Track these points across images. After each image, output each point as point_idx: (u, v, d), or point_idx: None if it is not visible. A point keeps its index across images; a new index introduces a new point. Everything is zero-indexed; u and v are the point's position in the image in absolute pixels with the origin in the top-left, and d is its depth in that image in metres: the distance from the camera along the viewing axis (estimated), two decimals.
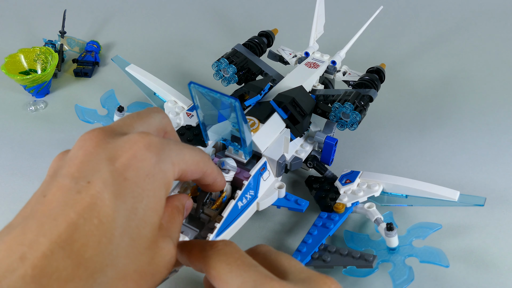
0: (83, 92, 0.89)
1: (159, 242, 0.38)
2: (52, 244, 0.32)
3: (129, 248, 0.35)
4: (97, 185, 0.34)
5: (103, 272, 0.33)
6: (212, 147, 0.60)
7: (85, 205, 0.34)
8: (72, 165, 0.36)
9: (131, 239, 0.35)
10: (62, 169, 0.36)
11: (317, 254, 0.58)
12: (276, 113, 0.64)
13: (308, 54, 0.79)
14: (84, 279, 0.32)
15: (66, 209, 0.33)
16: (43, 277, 0.31)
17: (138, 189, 0.36)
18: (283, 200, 0.62)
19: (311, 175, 0.69)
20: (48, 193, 0.35)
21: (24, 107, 0.84)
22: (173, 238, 0.41)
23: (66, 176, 0.35)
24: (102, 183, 0.35)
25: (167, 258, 0.39)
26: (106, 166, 0.35)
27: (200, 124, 0.55)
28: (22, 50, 0.87)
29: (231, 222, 0.55)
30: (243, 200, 0.56)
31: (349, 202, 0.63)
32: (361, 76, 0.72)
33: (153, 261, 0.38)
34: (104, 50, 1.00)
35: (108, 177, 0.35)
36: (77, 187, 0.34)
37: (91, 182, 0.35)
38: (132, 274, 0.36)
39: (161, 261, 0.38)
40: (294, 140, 0.66)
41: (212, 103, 0.50)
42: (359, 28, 0.80)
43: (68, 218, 0.33)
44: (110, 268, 0.34)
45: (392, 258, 0.57)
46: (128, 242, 0.35)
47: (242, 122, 0.50)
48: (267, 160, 0.60)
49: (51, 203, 0.34)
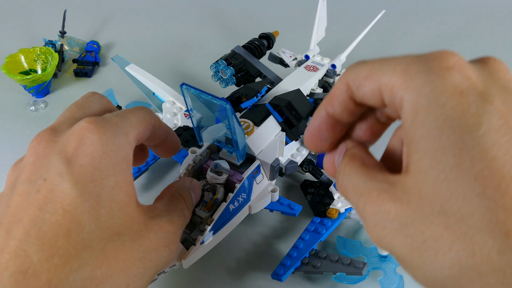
0: (83, 92, 0.87)
1: (146, 221, 0.39)
2: (21, 243, 0.33)
3: (102, 230, 0.36)
4: (53, 179, 0.36)
5: (78, 256, 0.34)
6: (207, 149, 0.60)
7: (46, 200, 0.35)
8: (27, 171, 0.37)
9: (102, 221, 0.36)
10: (19, 178, 0.38)
11: (307, 260, 0.57)
12: (271, 116, 0.64)
13: (308, 57, 0.79)
14: (60, 267, 0.34)
15: (29, 209, 0.35)
16: (18, 275, 0.32)
17: (95, 171, 0.37)
18: (276, 204, 0.61)
19: (307, 179, 0.68)
20: (11, 203, 0.36)
21: (24, 107, 0.85)
22: (173, 217, 0.42)
23: (23, 182, 0.37)
24: (58, 176, 0.36)
25: (160, 235, 0.40)
26: (58, 160, 0.37)
27: (193, 125, 0.55)
28: (22, 50, 0.87)
29: (222, 225, 0.54)
30: (235, 203, 0.56)
31: (342, 208, 0.62)
32: None
33: (141, 239, 0.38)
34: (104, 50, 1.00)
35: (62, 169, 0.36)
36: (35, 187, 0.36)
37: (47, 178, 0.36)
38: (116, 254, 0.36)
39: (153, 239, 0.39)
40: (290, 143, 0.66)
41: (205, 105, 0.50)
42: (361, 32, 0.80)
43: (31, 215, 0.35)
44: (86, 252, 0.35)
45: (383, 266, 0.57)
46: (100, 224, 0.36)
47: (235, 125, 0.50)
48: (260, 163, 0.60)
49: (15, 210, 0.36)
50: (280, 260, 0.57)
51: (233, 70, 0.72)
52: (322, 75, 0.75)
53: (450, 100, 0.28)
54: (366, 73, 0.32)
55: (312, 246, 0.58)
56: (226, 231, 0.56)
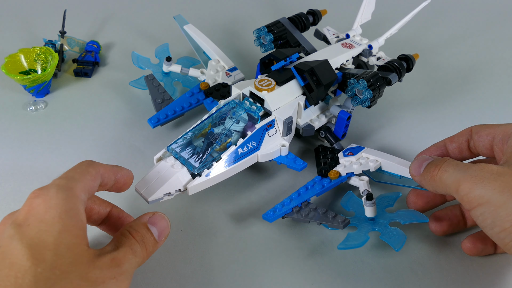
0: (83, 92, 0.89)
1: (94, 259, 0.45)
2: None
3: (49, 270, 0.41)
4: (5, 242, 0.43)
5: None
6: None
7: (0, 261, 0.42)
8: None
9: (48, 262, 0.42)
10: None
11: (298, 208, 0.64)
12: (295, 79, 0.69)
13: (348, 36, 0.83)
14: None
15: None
16: None
17: (41, 223, 0.43)
18: (283, 158, 0.68)
19: (321, 145, 0.74)
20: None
21: (24, 107, 0.85)
22: (118, 253, 0.48)
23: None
24: (8, 238, 0.43)
25: (105, 270, 0.45)
26: (9, 226, 0.44)
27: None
28: (22, 50, 0.87)
29: (229, 165, 0.64)
30: (244, 148, 0.65)
31: (344, 171, 0.68)
32: (390, 61, 0.75)
33: (88, 275, 0.44)
34: (104, 50, 1.00)
35: (12, 232, 0.43)
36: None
37: (1, 244, 0.43)
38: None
39: (99, 274, 0.44)
40: (312, 110, 0.73)
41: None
42: (403, 18, 0.83)
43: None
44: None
45: (377, 226, 0.62)
46: (46, 265, 0.41)
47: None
48: (275, 118, 0.67)
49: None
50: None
51: (272, 37, 0.79)
52: (356, 53, 0.79)
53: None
54: (488, 126, 0.57)
55: (305, 198, 0.65)
56: (232, 171, 0.65)
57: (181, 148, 0.64)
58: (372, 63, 0.81)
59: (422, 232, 0.66)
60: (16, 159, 0.75)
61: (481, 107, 0.87)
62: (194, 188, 0.63)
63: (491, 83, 0.93)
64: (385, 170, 0.68)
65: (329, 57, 0.74)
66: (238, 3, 1.15)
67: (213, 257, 0.63)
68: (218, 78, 0.81)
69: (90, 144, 0.78)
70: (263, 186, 0.72)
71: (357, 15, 0.85)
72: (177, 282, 0.60)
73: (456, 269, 0.62)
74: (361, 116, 0.83)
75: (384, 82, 0.69)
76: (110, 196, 0.61)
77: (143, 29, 1.07)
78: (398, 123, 0.83)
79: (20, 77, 0.82)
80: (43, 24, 1.06)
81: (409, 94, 0.89)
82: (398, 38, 0.94)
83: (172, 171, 0.62)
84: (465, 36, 1.05)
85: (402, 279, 0.61)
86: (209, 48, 0.86)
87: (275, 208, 0.64)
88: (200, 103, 0.79)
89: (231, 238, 0.65)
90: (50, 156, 0.76)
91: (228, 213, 0.68)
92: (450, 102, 0.88)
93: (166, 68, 0.85)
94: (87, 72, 0.92)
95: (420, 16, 0.91)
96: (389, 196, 0.66)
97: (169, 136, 0.79)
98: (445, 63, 0.98)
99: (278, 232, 0.66)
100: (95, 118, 0.83)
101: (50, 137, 0.79)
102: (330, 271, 0.61)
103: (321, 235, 0.65)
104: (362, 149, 0.70)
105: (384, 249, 0.63)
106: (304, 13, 0.85)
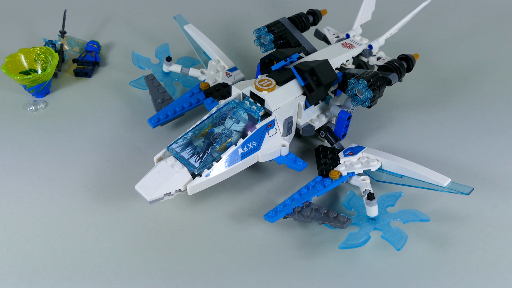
0: (83, 92, 0.89)
1: None
2: None
3: None
4: None
5: None
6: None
7: None
8: None
9: None
10: None
11: (299, 208, 0.64)
12: (295, 79, 0.70)
13: (349, 36, 0.83)
14: None
15: None
16: None
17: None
18: (283, 158, 0.68)
19: (322, 145, 0.74)
20: None
21: (24, 107, 0.85)
22: None
23: None
24: None
25: None
26: None
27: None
28: (22, 50, 0.87)
29: (229, 165, 0.64)
30: (244, 148, 0.65)
31: (345, 171, 0.68)
32: (390, 61, 0.76)
33: None
34: (104, 50, 1.00)
35: None
36: None
37: None
38: None
39: None
40: (312, 110, 0.73)
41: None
42: (403, 18, 0.83)
43: None
44: None
45: (378, 226, 0.62)
46: None
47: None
48: (276, 118, 0.67)
49: None
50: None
51: (272, 37, 0.78)
52: (356, 53, 0.79)
53: None
54: None
55: (306, 199, 0.65)
56: (232, 171, 0.65)
57: (181, 148, 0.64)
58: (372, 63, 0.81)
59: (424, 232, 0.66)
60: (16, 159, 0.75)
61: (482, 107, 0.87)
62: (194, 188, 0.63)
63: (491, 83, 0.93)
64: (385, 169, 0.68)
65: (329, 57, 0.74)
66: (238, 3, 1.15)
67: (213, 257, 0.63)
68: (218, 78, 0.82)
69: (90, 144, 0.78)
70: (263, 186, 0.72)
71: (357, 15, 0.85)
72: (177, 282, 0.60)
73: (457, 269, 0.62)
74: (361, 116, 0.83)
75: (384, 82, 0.70)
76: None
77: (143, 29, 1.07)
78: (398, 123, 0.83)
79: (20, 77, 0.82)
80: (43, 24, 1.06)
81: (409, 94, 0.89)
82: (398, 38, 0.94)
83: (172, 171, 0.62)
84: (465, 36, 1.05)
85: (403, 279, 0.61)
86: (209, 48, 0.86)
87: (276, 208, 0.64)
88: (200, 103, 0.79)
89: (231, 238, 0.65)
90: (50, 156, 0.76)
91: (228, 213, 0.68)
92: (450, 102, 0.88)
93: (166, 68, 0.85)
94: (87, 72, 0.92)
95: (420, 16, 0.91)
96: (390, 196, 0.66)
97: (169, 136, 0.79)
98: (445, 63, 0.98)
99: (278, 232, 0.66)
100: (95, 118, 0.83)
101: (50, 137, 0.79)
102: (331, 271, 0.61)
103: (322, 235, 0.65)
104: (362, 149, 0.71)
105: (386, 248, 0.63)
106: (304, 13, 0.85)
